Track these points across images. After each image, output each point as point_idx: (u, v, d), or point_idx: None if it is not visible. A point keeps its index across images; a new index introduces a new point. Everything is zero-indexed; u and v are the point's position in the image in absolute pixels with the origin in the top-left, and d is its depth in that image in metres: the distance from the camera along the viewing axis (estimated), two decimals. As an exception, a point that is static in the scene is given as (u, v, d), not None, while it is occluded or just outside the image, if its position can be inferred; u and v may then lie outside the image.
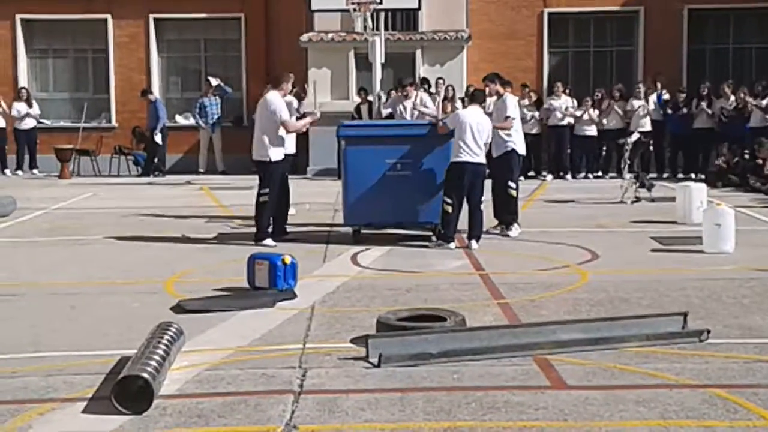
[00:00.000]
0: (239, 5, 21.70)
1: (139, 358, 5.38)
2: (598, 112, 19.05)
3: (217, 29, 22.28)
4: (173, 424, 4.88)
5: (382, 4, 15.36)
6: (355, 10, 15.30)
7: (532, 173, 18.90)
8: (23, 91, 21.02)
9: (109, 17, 21.90)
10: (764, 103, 17.94)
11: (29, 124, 20.84)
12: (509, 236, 11.21)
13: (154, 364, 5.27)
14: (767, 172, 15.95)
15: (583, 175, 19.20)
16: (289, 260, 8.08)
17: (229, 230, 12.05)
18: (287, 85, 11.08)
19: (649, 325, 6.54)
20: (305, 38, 20.23)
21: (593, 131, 19.12)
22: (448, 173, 10.45)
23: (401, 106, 12.91)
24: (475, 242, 10.43)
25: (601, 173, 19.20)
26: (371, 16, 15.46)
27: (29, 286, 8.64)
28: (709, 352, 6.15)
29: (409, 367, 5.80)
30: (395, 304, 7.60)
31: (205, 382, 5.59)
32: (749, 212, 13.15)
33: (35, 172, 20.81)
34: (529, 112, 18.36)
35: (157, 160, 20.52)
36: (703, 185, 13.00)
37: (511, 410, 5.02)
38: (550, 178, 18.96)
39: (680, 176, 18.29)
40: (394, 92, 15.00)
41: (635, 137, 16.05)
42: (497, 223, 11.54)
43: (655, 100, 19.07)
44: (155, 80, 21.93)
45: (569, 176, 19.08)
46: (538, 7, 21.31)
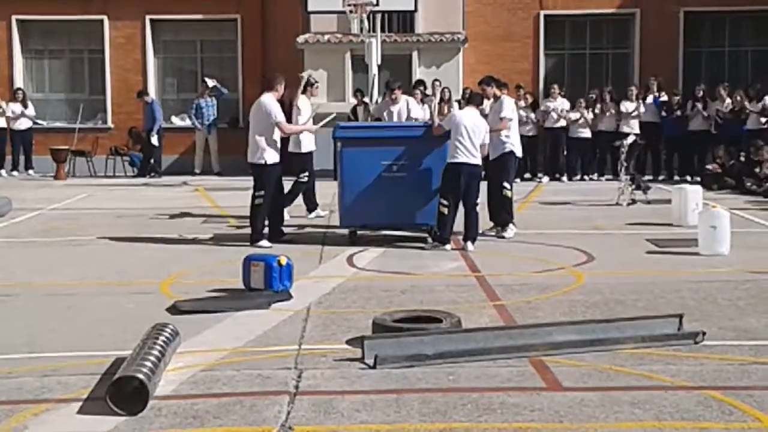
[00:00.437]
0: (235, 6, 21.70)
1: (134, 358, 5.37)
2: (592, 114, 19.06)
3: (213, 30, 22.28)
4: (168, 425, 4.88)
5: (378, 5, 15.37)
6: (351, 11, 15.31)
7: (528, 175, 18.91)
8: (19, 92, 21.00)
9: (105, 18, 21.88)
10: (759, 106, 17.96)
11: (24, 124, 20.82)
12: (504, 237, 11.22)
13: (149, 365, 5.26)
14: (764, 173, 15.97)
15: (578, 177, 19.22)
16: (284, 261, 8.08)
17: (224, 231, 12.05)
18: (281, 87, 11.06)
19: (644, 326, 6.55)
20: (301, 40, 20.24)
21: (588, 133, 19.14)
22: (444, 174, 10.46)
23: (388, 111, 12.86)
24: (470, 244, 10.43)
25: (596, 175, 19.22)
26: (368, 17, 15.47)
27: (24, 286, 8.63)
28: (704, 354, 6.15)
29: (404, 368, 5.80)
30: (391, 305, 7.60)
31: (200, 383, 5.59)
32: (745, 214, 13.16)
33: (31, 172, 20.78)
34: (524, 113, 18.37)
35: (153, 161, 20.51)
36: (698, 187, 13.02)
37: (506, 411, 5.03)
38: (545, 179, 18.97)
39: (676, 178, 18.31)
40: (380, 96, 15.02)
41: (631, 139, 16.07)
42: (492, 225, 11.55)
43: (651, 101, 19.09)
44: (151, 81, 21.91)
45: (565, 178, 19.10)
46: (534, 9, 21.34)
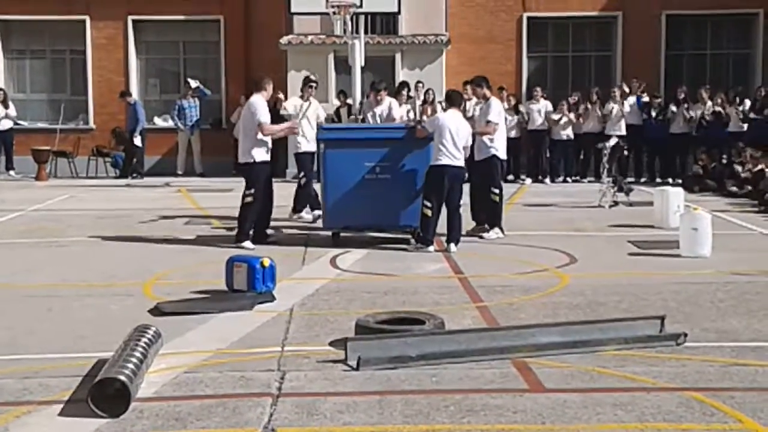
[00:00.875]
0: (218, 7, 21.66)
1: (116, 360, 5.35)
2: (575, 116, 19.11)
3: (196, 31, 22.23)
4: (150, 427, 4.86)
5: (361, 7, 15.35)
6: (334, 13, 15.28)
7: (511, 177, 18.95)
8: (0, 92, 20.87)
9: (87, 18, 21.80)
10: (740, 107, 18.08)
11: (5, 125, 20.69)
12: (483, 238, 11.22)
13: (131, 366, 5.24)
14: (744, 176, 16.06)
15: (561, 178, 19.28)
16: (267, 263, 8.07)
17: (207, 232, 12.02)
18: (269, 87, 11.06)
19: (626, 328, 6.57)
20: (285, 41, 20.22)
21: (571, 135, 19.20)
22: (427, 176, 10.46)
23: (371, 112, 12.87)
24: (453, 245, 10.45)
25: (579, 177, 19.28)
26: (351, 19, 15.45)
27: (5, 287, 8.57)
28: (686, 355, 6.18)
29: (387, 369, 5.80)
30: (374, 307, 7.59)
31: (182, 384, 5.57)
32: (726, 217, 13.24)
33: (12, 173, 20.66)
34: (507, 116, 18.38)
35: (135, 161, 20.43)
36: (680, 190, 13.08)
37: (489, 413, 5.03)
38: (528, 181, 19.02)
39: (658, 180, 18.39)
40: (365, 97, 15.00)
41: (613, 141, 16.13)
42: (475, 224, 11.58)
43: (633, 103, 19.16)
44: (134, 82, 21.84)
45: (548, 180, 19.15)
46: (517, 11, 21.41)
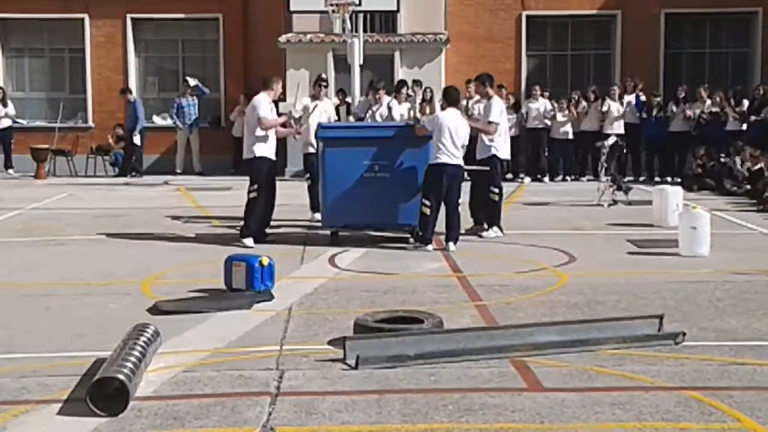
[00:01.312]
0: (217, 6, 21.64)
1: (114, 359, 5.35)
2: (575, 113, 19.11)
3: (194, 30, 22.21)
4: (149, 426, 4.86)
5: (360, 5, 15.36)
6: (333, 11, 15.28)
7: (509, 175, 18.93)
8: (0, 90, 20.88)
9: (86, 17, 21.79)
10: (738, 108, 18.08)
11: (4, 123, 20.68)
12: (482, 236, 11.22)
13: (130, 365, 5.24)
14: (741, 175, 16.07)
15: (560, 177, 19.28)
16: (266, 262, 8.07)
17: (206, 231, 12.01)
18: (277, 86, 11.15)
19: (625, 327, 6.57)
20: (284, 39, 20.21)
21: (570, 134, 19.20)
22: (426, 175, 10.46)
23: (370, 111, 12.84)
24: (452, 244, 10.44)
25: (577, 176, 19.28)
26: (350, 17, 15.45)
27: (3, 286, 8.57)
28: (684, 354, 6.18)
29: (386, 368, 5.80)
30: (372, 305, 7.60)
31: (181, 383, 5.57)
32: (725, 215, 13.24)
33: (10, 172, 20.65)
34: (507, 114, 18.37)
35: (134, 160, 20.42)
36: (679, 188, 13.08)
37: (487, 412, 5.03)
38: (527, 180, 19.02)
39: (657, 179, 18.39)
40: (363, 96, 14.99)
41: (612, 140, 16.13)
42: (474, 223, 11.58)
43: (631, 101, 19.16)
44: (132, 80, 21.83)
45: (546, 179, 19.15)
46: (516, 10, 21.40)
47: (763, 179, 14.90)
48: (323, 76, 13.78)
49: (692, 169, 17.56)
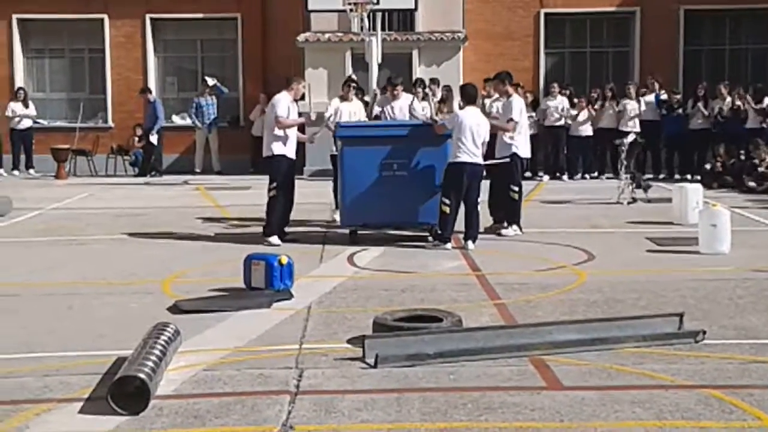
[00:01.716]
0: (236, 5, 21.69)
1: (135, 358, 5.38)
2: (593, 112, 19.06)
3: (213, 29, 22.27)
4: (170, 424, 4.88)
5: (378, 4, 15.36)
6: (351, 10, 15.29)
7: (528, 174, 18.87)
8: (21, 91, 21.01)
9: (105, 17, 21.88)
10: (759, 105, 17.97)
11: (25, 124, 20.83)
12: (501, 235, 11.21)
13: (150, 364, 5.27)
14: (762, 172, 15.98)
15: (579, 175, 19.22)
16: (285, 261, 8.09)
17: (225, 230, 12.05)
18: (298, 86, 11.20)
19: (645, 325, 6.56)
20: (302, 38, 20.24)
21: (589, 131, 19.14)
22: (446, 173, 10.45)
23: (389, 107, 12.78)
24: (471, 243, 10.44)
25: (597, 174, 19.22)
26: (368, 16, 15.46)
27: (25, 286, 8.63)
28: (704, 352, 6.16)
29: (405, 367, 5.81)
30: (391, 304, 7.61)
31: (201, 382, 5.60)
32: (745, 213, 13.17)
33: (31, 172, 20.79)
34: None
35: (154, 159, 20.50)
36: (698, 186, 13.03)
37: (507, 411, 5.03)
38: (546, 178, 18.98)
39: (676, 177, 18.31)
40: (380, 93, 14.96)
41: (631, 138, 16.07)
42: (493, 221, 11.57)
43: (651, 100, 19.08)
44: (152, 80, 21.90)
45: (566, 177, 19.10)
46: (534, 7, 21.34)
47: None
48: (353, 77, 13.67)
49: (712, 166, 17.46)
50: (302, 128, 11.56)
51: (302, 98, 11.49)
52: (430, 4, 19.73)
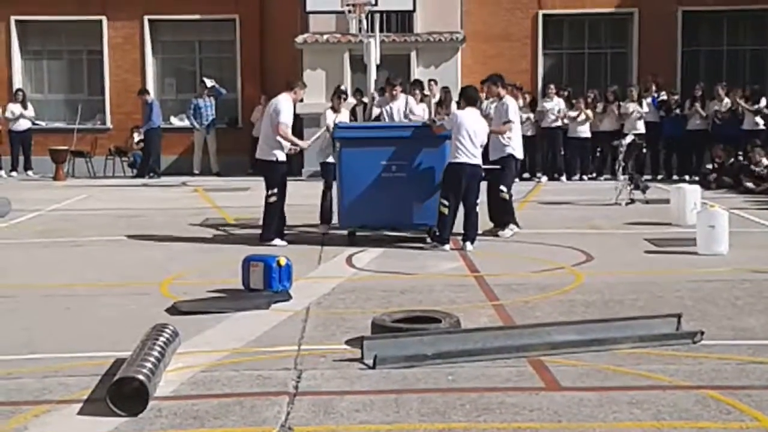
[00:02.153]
0: (234, 7, 21.70)
1: (134, 359, 5.39)
2: (591, 112, 19.07)
3: (211, 30, 22.27)
4: (168, 425, 4.89)
5: (377, 5, 15.37)
6: (350, 11, 15.29)
7: (526, 175, 18.91)
8: (19, 92, 21.02)
9: (103, 18, 21.89)
10: (755, 107, 18.01)
11: (24, 125, 20.84)
12: (499, 236, 11.21)
13: (149, 365, 5.27)
14: (758, 173, 15.99)
15: (577, 176, 19.24)
16: (284, 262, 8.10)
17: (223, 232, 12.06)
18: (299, 90, 11.19)
19: (642, 326, 6.56)
20: (300, 40, 20.24)
21: (587, 133, 19.15)
22: (445, 175, 10.45)
23: (388, 107, 12.74)
24: (469, 244, 10.44)
25: (595, 175, 19.23)
26: (366, 17, 15.46)
27: (24, 287, 8.64)
28: (702, 353, 6.17)
29: (404, 368, 5.81)
30: (390, 305, 7.61)
31: (200, 383, 5.60)
32: (743, 214, 13.18)
33: (30, 173, 20.80)
34: (523, 114, 18.35)
35: (152, 161, 20.50)
36: (696, 187, 13.04)
37: (505, 411, 5.04)
38: (544, 179, 18.99)
39: (674, 178, 18.32)
40: (378, 95, 14.93)
41: (629, 139, 16.06)
42: (493, 225, 11.56)
43: (649, 101, 19.10)
44: (150, 81, 21.91)
45: (564, 178, 19.11)
46: (532, 8, 21.35)
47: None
48: (342, 87, 13.51)
49: (711, 167, 17.47)
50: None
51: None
52: (428, 5, 19.73)
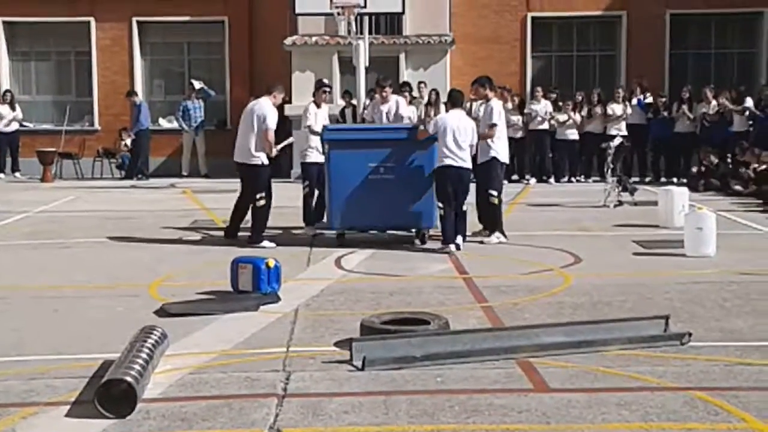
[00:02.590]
0: (223, 8, 21.67)
1: (122, 361, 5.37)
2: (579, 116, 19.11)
3: (200, 32, 22.23)
4: (157, 427, 4.88)
5: (366, 7, 15.37)
6: (339, 13, 15.30)
7: (515, 177, 18.94)
8: (7, 94, 20.95)
9: (92, 20, 21.83)
10: (742, 106, 18.09)
11: (11, 127, 20.77)
12: (483, 243, 11.09)
13: (137, 367, 5.26)
14: (747, 175, 16.06)
15: (566, 178, 19.27)
16: (272, 263, 8.09)
17: (212, 233, 12.03)
18: (278, 94, 11.27)
19: (631, 328, 6.58)
20: (289, 42, 20.23)
21: (575, 135, 19.20)
22: (435, 179, 10.54)
23: (378, 109, 12.60)
24: (459, 237, 10.50)
25: (583, 177, 19.27)
26: (355, 19, 15.47)
27: (11, 289, 8.60)
28: (690, 355, 6.19)
29: (392, 370, 5.81)
30: (379, 307, 7.61)
31: (188, 385, 5.59)
32: (730, 216, 13.22)
33: (17, 175, 20.72)
34: (512, 116, 18.39)
35: (140, 163, 20.46)
36: (684, 189, 13.07)
37: (494, 413, 5.05)
38: (533, 181, 19.02)
39: (662, 180, 18.37)
40: (368, 98, 14.89)
41: (618, 141, 16.12)
42: (482, 227, 11.55)
43: (635, 103, 19.15)
44: (138, 83, 21.86)
45: (552, 180, 19.14)
46: (521, 11, 21.39)
47: (769, 179, 14.89)
48: (325, 80, 13.22)
49: (698, 169, 17.52)
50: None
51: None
52: (417, 7, 19.77)
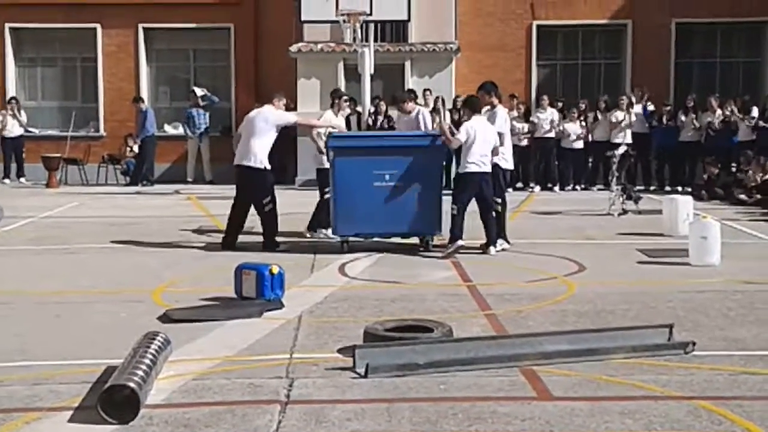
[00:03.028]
0: (229, 15, 21.73)
1: (125, 367, 5.37)
2: (580, 128, 19.14)
3: (206, 39, 22.30)
4: (159, 433, 4.88)
5: (371, 15, 15.42)
6: (344, 21, 15.36)
7: (520, 184, 18.95)
8: (13, 100, 21.01)
9: (98, 26, 21.91)
10: (748, 116, 18.08)
11: (16, 132, 20.84)
12: (488, 253, 10.99)
13: (140, 373, 5.26)
14: (751, 184, 16.05)
15: (570, 186, 19.27)
16: (276, 270, 8.09)
17: (216, 240, 12.02)
18: (278, 102, 11.46)
19: (635, 336, 6.56)
20: (294, 49, 20.28)
21: (580, 143, 19.22)
22: (458, 182, 10.79)
23: (401, 122, 12.52)
24: (492, 248, 10.68)
25: (588, 185, 19.27)
26: (361, 27, 15.51)
27: (15, 294, 8.61)
28: (694, 364, 6.17)
29: (396, 377, 5.81)
30: (382, 314, 7.61)
31: (191, 391, 5.59)
32: (735, 225, 13.21)
33: (22, 180, 20.78)
34: (518, 123, 18.41)
35: (145, 169, 20.50)
36: (689, 198, 13.07)
37: (497, 421, 5.04)
38: (537, 189, 19.02)
39: (667, 189, 18.37)
40: (372, 106, 14.81)
41: (623, 150, 16.13)
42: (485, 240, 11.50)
43: (639, 111, 19.16)
44: (144, 89, 21.94)
45: (557, 188, 19.15)
46: (526, 19, 21.43)
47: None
48: (342, 91, 13.24)
49: (702, 178, 17.53)
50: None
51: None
52: (423, 15, 19.81)
